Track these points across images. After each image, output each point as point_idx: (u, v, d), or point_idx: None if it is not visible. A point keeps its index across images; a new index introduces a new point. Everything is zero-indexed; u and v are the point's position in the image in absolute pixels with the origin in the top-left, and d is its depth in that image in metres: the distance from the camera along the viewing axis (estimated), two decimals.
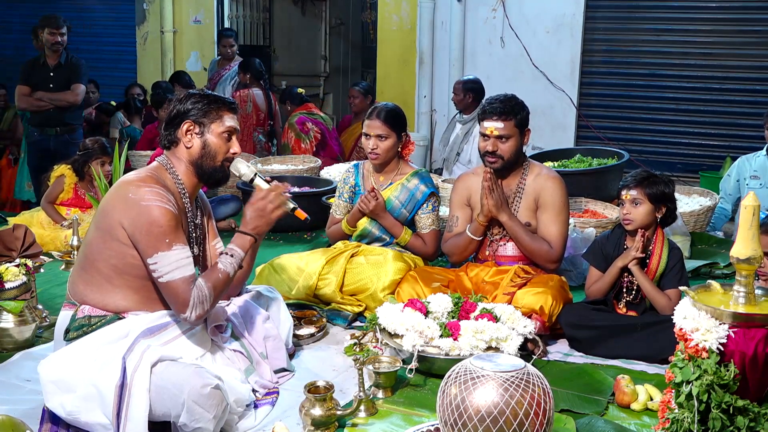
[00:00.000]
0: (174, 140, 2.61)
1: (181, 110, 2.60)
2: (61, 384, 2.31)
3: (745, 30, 6.54)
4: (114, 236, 2.44)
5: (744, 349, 2.00)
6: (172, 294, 2.42)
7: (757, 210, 2.03)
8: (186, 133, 2.59)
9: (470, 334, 2.83)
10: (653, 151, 6.90)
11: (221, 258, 2.58)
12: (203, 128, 2.59)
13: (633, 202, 3.19)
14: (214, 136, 2.60)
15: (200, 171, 2.62)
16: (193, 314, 2.44)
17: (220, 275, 2.53)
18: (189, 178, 2.62)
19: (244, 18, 8.85)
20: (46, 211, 4.70)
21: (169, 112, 2.65)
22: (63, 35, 5.88)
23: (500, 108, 3.40)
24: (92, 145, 4.73)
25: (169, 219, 2.42)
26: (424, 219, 3.79)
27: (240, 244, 2.60)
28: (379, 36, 7.88)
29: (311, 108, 6.86)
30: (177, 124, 2.60)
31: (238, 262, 2.59)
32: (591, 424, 2.49)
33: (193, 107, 2.59)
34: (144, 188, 2.44)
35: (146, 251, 2.40)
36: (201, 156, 2.60)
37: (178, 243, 2.43)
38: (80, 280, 2.53)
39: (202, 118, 2.59)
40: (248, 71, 6.96)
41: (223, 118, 2.61)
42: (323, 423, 2.41)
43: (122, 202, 2.44)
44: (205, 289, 2.47)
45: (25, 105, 5.98)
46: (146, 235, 2.39)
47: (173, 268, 2.40)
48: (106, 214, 2.48)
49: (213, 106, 2.61)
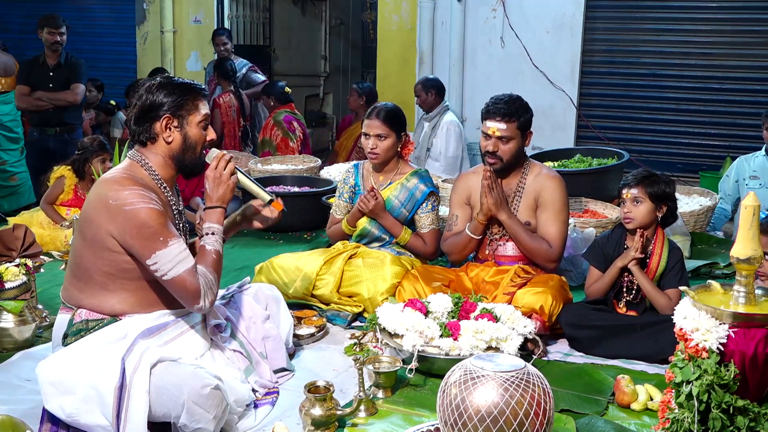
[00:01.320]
0: (151, 136, 2.52)
1: (155, 103, 2.49)
2: (60, 386, 2.30)
3: (745, 30, 6.54)
4: (104, 246, 2.40)
5: (744, 349, 2.00)
6: (181, 288, 2.40)
7: (757, 210, 2.03)
8: (166, 127, 2.51)
9: (470, 334, 2.83)
10: (653, 151, 6.90)
11: (205, 239, 2.56)
12: (182, 121, 2.52)
13: (634, 200, 3.19)
14: (192, 127, 2.54)
15: (180, 163, 2.57)
16: (206, 302, 2.44)
17: (214, 255, 2.52)
18: (166, 171, 2.56)
19: (244, 18, 8.85)
20: (46, 211, 4.69)
21: (140, 106, 2.51)
22: (62, 35, 5.88)
23: (504, 109, 3.39)
24: (91, 143, 4.73)
25: (156, 217, 2.38)
26: (424, 218, 3.79)
27: (216, 219, 2.58)
28: (379, 36, 7.88)
29: (294, 108, 6.89)
30: (152, 118, 2.50)
31: (221, 237, 2.59)
32: (591, 424, 2.49)
33: (167, 99, 2.50)
34: (123, 191, 2.38)
35: (143, 254, 2.37)
36: (182, 150, 2.54)
37: (172, 238, 2.40)
38: (73, 287, 2.50)
39: (179, 110, 2.51)
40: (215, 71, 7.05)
41: (199, 107, 2.55)
42: (323, 423, 2.41)
43: (105, 211, 2.38)
44: (209, 274, 2.47)
45: (24, 104, 5.98)
46: (139, 238, 2.36)
47: (175, 263, 2.38)
48: (90, 223, 2.42)
49: (188, 97, 2.52)
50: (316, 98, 10.76)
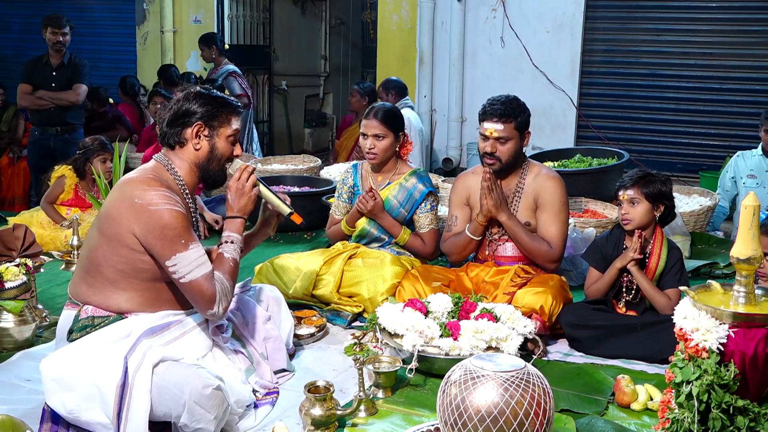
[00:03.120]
0: (181, 141, 2.58)
1: (189, 110, 2.56)
2: (63, 382, 2.31)
3: (745, 30, 6.54)
4: (123, 243, 2.42)
5: (744, 349, 2.00)
6: (197, 292, 2.43)
7: (757, 210, 2.03)
8: (196, 135, 2.57)
9: (470, 334, 2.83)
10: (653, 151, 6.90)
11: (223, 247, 2.61)
12: (213, 131, 2.59)
13: (631, 201, 3.19)
14: (222, 139, 2.60)
15: (204, 173, 2.63)
16: (220, 308, 2.47)
17: (231, 263, 2.57)
18: (190, 178, 2.62)
19: (244, 18, 8.85)
20: (46, 211, 4.69)
21: (175, 111, 2.58)
22: (65, 35, 5.89)
23: (501, 110, 3.39)
24: (92, 143, 4.73)
25: (180, 220, 2.41)
26: (423, 218, 3.79)
27: (235, 229, 2.64)
28: (379, 36, 7.88)
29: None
30: (184, 124, 2.56)
31: (240, 246, 2.63)
32: (591, 424, 2.49)
33: (201, 109, 2.56)
34: (150, 192, 2.42)
35: (164, 255, 2.39)
36: (208, 159, 2.60)
37: (193, 242, 2.43)
38: (83, 282, 2.52)
39: (212, 120, 2.58)
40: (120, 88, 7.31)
41: (231, 122, 2.62)
42: (323, 423, 2.42)
43: (129, 209, 2.41)
44: (226, 281, 2.50)
45: (26, 103, 5.99)
46: (161, 239, 2.39)
47: (194, 267, 2.41)
48: (113, 221, 2.44)
49: (222, 110, 2.59)
50: (316, 98, 10.76)
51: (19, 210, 5.70)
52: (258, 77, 9.10)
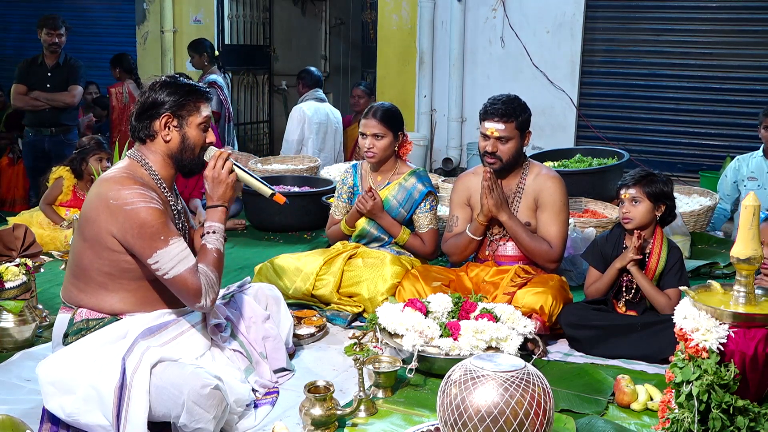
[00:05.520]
0: (150, 134, 2.54)
1: (156, 101, 2.52)
2: (60, 385, 2.31)
3: (745, 30, 6.53)
4: (104, 245, 2.41)
5: (744, 349, 2.00)
6: (182, 287, 2.41)
7: (757, 210, 2.03)
8: (164, 126, 2.53)
9: (470, 334, 2.83)
10: (653, 151, 6.89)
11: (206, 238, 2.57)
12: (182, 121, 2.55)
13: (632, 200, 3.20)
14: (192, 128, 2.56)
15: (179, 163, 2.59)
16: (207, 301, 2.45)
17: (215, 254, 2.54)
18: (165, 170, 2.58)
19: (244, 18, 8.84)
20: (45, 212, 4.69)
21: (142, 103, 2.54)
22: (61, 36, 5.87)
23: (502, 109, 3.39)
24: (88, 142, 4.73)
25: (157, 216, 2.39)
26: (422, 218, 3.79)
27: (217, 218, 2.60)
28: (379, 36, 7.87)
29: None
30: (152, 116, 2.52)
31: (223, 236, 2.60)
32: (591, 424, 2.49)
33: (169, 99, 2.52)
34: (124, 191, 2.39)
35: (144, 253, 2.38)
36: (180, 150, 2.56)
37: (173, 237, 2.41)
38: (74, 287, 2.51)
39: (180, 110, 2.53)
40: (117, 66, 7.04)
41: (200, 109, 2.58)
42: (323, 423, 2.41)
43: (105, 210, 2.39)
44: (210, 273, 2.48)
45: (20, 104, 5.98)
46: (140, 238, 2.37)
47: (176, 262, 2.39)
48: (91, 223, 2.43)
49: (190, 98, 2.55)
50: None
51: (20, 210, 5.69)
52: (258, 77, 9.09)
